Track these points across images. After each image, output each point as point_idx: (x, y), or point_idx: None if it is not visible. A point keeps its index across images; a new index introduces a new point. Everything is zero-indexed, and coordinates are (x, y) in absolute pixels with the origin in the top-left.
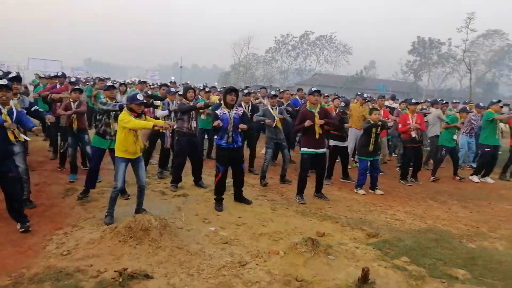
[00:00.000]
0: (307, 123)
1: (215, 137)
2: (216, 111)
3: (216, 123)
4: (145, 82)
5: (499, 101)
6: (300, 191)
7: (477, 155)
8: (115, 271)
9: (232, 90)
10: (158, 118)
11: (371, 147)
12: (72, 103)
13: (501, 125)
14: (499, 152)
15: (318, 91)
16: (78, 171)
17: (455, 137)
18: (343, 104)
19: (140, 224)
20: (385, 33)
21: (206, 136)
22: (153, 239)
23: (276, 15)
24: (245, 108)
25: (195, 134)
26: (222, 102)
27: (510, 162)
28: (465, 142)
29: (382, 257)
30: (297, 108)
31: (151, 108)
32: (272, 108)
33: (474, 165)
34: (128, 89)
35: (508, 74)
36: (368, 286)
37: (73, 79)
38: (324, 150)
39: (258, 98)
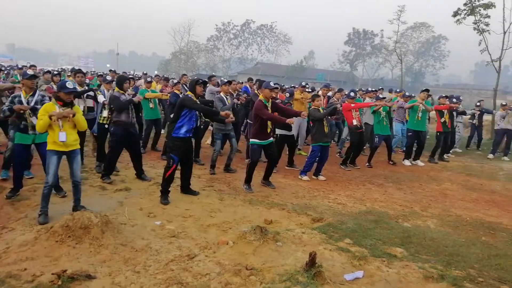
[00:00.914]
0: (289, 121)
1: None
2: (190, 96)
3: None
4: (80, 71)
5: (427, 90)
6: (248, 180)
7: None
8: (52, 274)
9: (202, 82)
10: (101, 104)
11: (326, 129)
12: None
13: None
14: (427, 137)
15: (277, 88)
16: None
17: (384, 123)
18: (287, 95)
19: (79, 222)
20: (323, 25)
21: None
22: (94, 237)
23: (216, 2)
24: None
25: (133, 123)
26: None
27: (437, 146)
28: (399, 129)
29: (327, 241)
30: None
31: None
32: (226, 98)
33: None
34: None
35: (434, 64)
36: (316, 269)
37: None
38: (271, 139)
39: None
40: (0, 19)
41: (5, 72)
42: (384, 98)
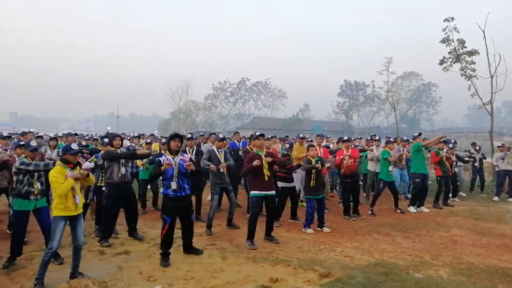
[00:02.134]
0: (256, 162)
1: (160, 188)
2: (159, 158)
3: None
4: (76, 134)
5: (420, 134)
6: (251, 235)
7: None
8: None
9: (176, 136)
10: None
11: (312, 183)
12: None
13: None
14: (429, 182)
15: (262, 135)
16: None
17: (390, 168)
18: (287, 145)
19: None
20: (316, 79)
21: (148, 187)
22: None
23: (209, 64)
24: (189, 152)
25: (126, 181)
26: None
27: (440, 191)
28: (397, 174)
29: None
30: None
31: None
32: (218, 151)
33: (410, 195)
34: (60, 142)
35: (427, 110)
36: None
37: (4, 133)
38: (273, 192)
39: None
40: (3, 90)
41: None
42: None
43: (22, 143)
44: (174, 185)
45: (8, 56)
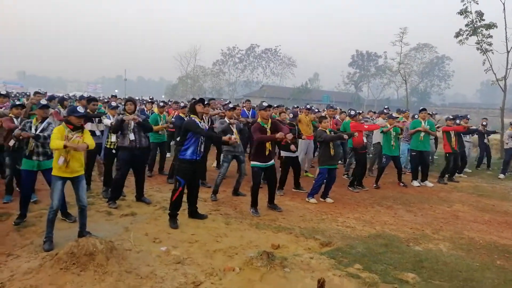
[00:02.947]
0: (279, 135)
1: (167, 153)
2: (194, 120)
3: (228, 138)
4: (94, 99)
5: (424, 109)
6: (254, 203)
7: None
8: None
9: (200, 101)
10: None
11: (332, 152)
12: (15, 119)
13: (438, 134)
14: (435, 157)
15: (269, 106)
16: (13, 192)
17: (392, 142)
18: (291, 115)
19: (84, 248)
20: (327, 47)
21: (157, 151)
22: (99, 264)
23: (219, 29)
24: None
25: (137, 147)
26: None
27: (447, 167)
28: (405, 149)
29: (336, 266)
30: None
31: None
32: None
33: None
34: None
35: (439, 84)
36: None
37: (3, 92)
38: (272, 162)
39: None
40: (11, 47)
41: (15, 99)
42: (397, 118)
43: (18, 103)
44: (198, 150)
45: (17, 11)
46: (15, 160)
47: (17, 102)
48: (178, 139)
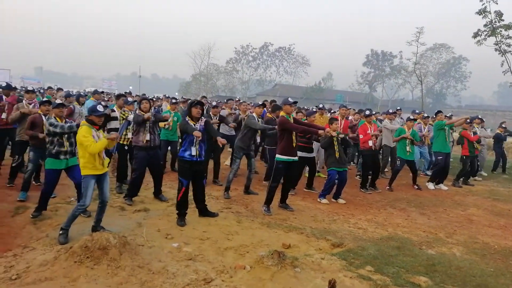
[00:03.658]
0: (322, 132)
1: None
2: (186, 120)
3: (196, 133)
4: (102, 92)
5: (440, 111)
6: (269, 201)
7: (431, 163)
8: None
9: (197, 103)
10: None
11: (337, 154)
12: (43, 116)
13: (455, 134)
14: (451, 160)
15: (295, 102)
16: (29, 188)
17: (408, 148)
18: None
19: (97, 242)
20: (341, 47)
21: (169, 148)
22: (112, 258)
23: (234, 27)
24: (214, 118)
25: (152, 146)
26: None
27: (464, 170)
28: (417, 151)
29: (347, 267)
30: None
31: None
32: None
33: (429, 172)
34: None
35: (455, 85)
36: None
37: (30, 88)
38: (297, 158)
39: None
40: (30, 43)
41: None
42: (414, 120)
43: (45, 99)
44: (194, 151)
45: (35, 9)
46: (40, 156)
47: (44, 99)
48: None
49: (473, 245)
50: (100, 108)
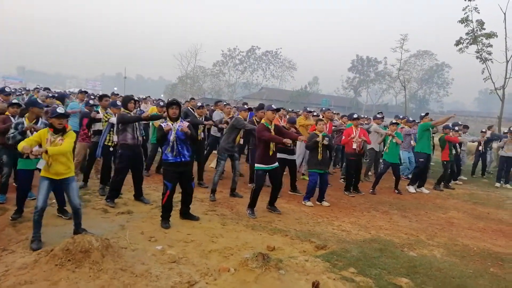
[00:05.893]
0: (286, 141)
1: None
2: (160, 124)
3: (166, 129)
4: (86, 92)
5: (427, 114)
6: (252, 205)
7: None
8: None
9: (173, 103)
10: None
11: (319, 156)
12: (12, 118)
13: (436, 139)
14: (431, 164)
15: (278, 110)
16: (8, 190)
17: (386, 149)
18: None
19: (79, 245)
20: (327, 52)
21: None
22: (94, 261)
23: (220, 30)
24: (200, 119)
25: (138, 144)
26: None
27: (445, 175)
28: (405, 157)
29: (331, 269)
30: None
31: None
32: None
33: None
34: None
35: (437, 91)
36: None
37: (7, 89)
38: (276, 164)
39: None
40: (11, 42)
41: (18, 94)
42: (398, 124)
43: (14, 101)
44: (168, 149)
45: (17, 8)
46: (14, 158)
47: (14, 101)
48: None
49: (453, 247)
50: (59, 109)
